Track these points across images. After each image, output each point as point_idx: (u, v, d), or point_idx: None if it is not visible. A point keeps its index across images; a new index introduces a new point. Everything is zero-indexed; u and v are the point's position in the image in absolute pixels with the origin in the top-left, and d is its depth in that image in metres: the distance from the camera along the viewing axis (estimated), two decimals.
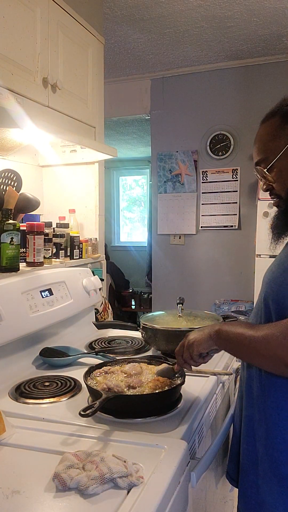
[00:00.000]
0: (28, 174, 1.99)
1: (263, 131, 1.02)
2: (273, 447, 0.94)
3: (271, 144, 0.99)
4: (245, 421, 1.03)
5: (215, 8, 2.53)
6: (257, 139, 1.03)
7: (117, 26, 2.73)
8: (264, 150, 1.01)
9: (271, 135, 1.00)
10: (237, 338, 0.94)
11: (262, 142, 1.02)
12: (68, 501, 0.72)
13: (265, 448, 0.95)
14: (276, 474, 0.93)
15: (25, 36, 1.51)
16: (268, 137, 1.00)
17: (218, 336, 0.99)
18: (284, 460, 0.92)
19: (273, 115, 1.00)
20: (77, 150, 1.85)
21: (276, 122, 0.99)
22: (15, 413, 1.04)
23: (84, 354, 1.43)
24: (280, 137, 0.98)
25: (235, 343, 0.95)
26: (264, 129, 1.02)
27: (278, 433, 0.93)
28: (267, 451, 0.95)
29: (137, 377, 1.12)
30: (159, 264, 3.74)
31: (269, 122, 1.01)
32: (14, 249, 1.43)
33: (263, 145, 1.02)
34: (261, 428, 0.97)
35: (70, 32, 1.77)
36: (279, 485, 0.92)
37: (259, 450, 0.97)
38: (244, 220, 3.41)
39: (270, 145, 1.00)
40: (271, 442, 0.94)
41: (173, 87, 3.57)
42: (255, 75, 3.30)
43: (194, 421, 1.03)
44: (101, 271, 2.07)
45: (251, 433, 1.00)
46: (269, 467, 0.94)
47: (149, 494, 0.74)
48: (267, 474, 0.95)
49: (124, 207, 6.82)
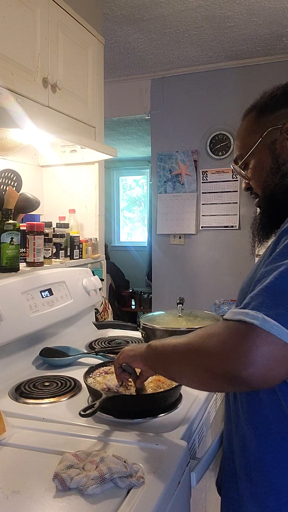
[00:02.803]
0: (28, 174, 1.99)
1: (241, 127, 0.98)
2: (249, 465, 0.85)
3: (246, 140, 0.95)
4: (225, 436, 0.96)
5: (215, 8, 2.53)
6: (236, 136, 0.99)
7: (117, 26, 2.73)
8: (240, 147, 0.96)
9: (247, 130, 0.95)
10: (163, 347, 0.85)
11: (240, 138, 0.97)
12: (68, 501, 0.72)
13: (242, 465, 0.87)
14: (252, 493, 0.84)
15: (25, 36, 1.51)
16: (245, 133, 0.96)
17: (148, 348, 0.90)
18: (259, 481, 0.83)
19: (251, 110, 0.96)
20: (77, 150, 1.85)
21: (253, 117, 0.95)
22: (15, 413, 1.04)
23: (84, 354, 1.43)
24: (255, 132, 0.93)
25: (160, 354, 0.85)
26: (242, 125, 0.97)
27: (253, 451, 0.84)
28: (244, 469, 0.87)
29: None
30: (159, 264, 3.74)
31: (247, 118, 0.96)
32: (14, 249, 1.43)
33: (240, 141, 0.97)
34: (238, 444, 0.89)
35: (70, 32, 1.77)
36: (255, 505, 0.84)
37: (237, 467, 0.89)
38: (244, 220, 3.40)
39: (245, 141, 0.95)
40: (247, 460, 0.85)
41: (173, 87, 3.57)
42: (255, 75, 3.30)
43: (194, 421, 1.03)
44: (101, 271, 2.07)
45: (230, 448, 0.92)
46: (245, 487, 0.86)
47: (149, 494, 0.74)
48: (245, 493, 0.86)
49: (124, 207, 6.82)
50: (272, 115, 0.91)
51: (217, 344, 0.68)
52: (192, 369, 0.76)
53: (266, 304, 0.65)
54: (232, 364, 0.65)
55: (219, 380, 0.70)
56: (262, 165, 0.92)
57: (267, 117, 0.92)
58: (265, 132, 0.91)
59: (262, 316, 0.63)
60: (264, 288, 0.67)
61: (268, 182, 0.92)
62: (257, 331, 0.63)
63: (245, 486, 0.86)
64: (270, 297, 0.65)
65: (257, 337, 0.63)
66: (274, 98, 0.93)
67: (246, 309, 0.67)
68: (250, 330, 0.64)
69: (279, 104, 0.91)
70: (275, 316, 0.63)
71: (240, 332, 0.65)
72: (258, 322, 0.63)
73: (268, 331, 0.62)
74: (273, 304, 0.64)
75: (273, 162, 0.91)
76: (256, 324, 0.63)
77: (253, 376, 0.64)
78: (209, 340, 0.71)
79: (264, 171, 0.92)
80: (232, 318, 0.68)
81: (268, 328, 0.62)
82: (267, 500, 0.82)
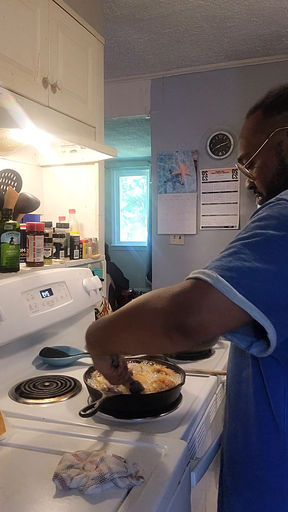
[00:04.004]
0: (28, 174, 1.99)
1: (245, 125, 0.98)
2: (234, 458, 0.87)
3: (252, 139, 0.94)
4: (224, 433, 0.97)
5: (215, 8, 2.53)
6: (241, 134, 0.99)
7: (117, 26, 2.73)
8: (246, 146, 0.96)
9: (252, 129, 0.95)
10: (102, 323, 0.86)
11: (244, 137, 0.97)
12: (68, 501, 0.72)
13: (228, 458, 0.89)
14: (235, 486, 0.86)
15: (25, 36, 1.51)
16: (250, 132, 0.96)
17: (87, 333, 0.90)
18: (242, 473, 0.85)
19: (256, 109, 0.96)
20: (77, 150, 1.85)
21: (258, 116, 0.94)
22: (15, 413, 1.04)
23: (84, 354, 1.43)
24: (261, 132, 0.93)
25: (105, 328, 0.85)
26: (247, 124, 0.97)
27: (238, 444, 0.86)
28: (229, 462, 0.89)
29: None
30: (159, 264, 3.74)
31: (252, 116, 0.96)
32: (14, 249, 1.43)
33: (245, 140, 0.97)
34: (226, 437, 0.91)
35: (70, 32, 1.77)
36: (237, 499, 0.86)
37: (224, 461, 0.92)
38: (244, 220, 3.40)
39: (251, 140, 0.95)
40: (232, 452, 0.88)
41: (173, 87, 3.57)
42: (255, 75, 3.31)
43: (194, 421, 1.03)
44: (101, 271, 2.07)
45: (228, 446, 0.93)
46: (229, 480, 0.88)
47: (149, 494, 0.74)
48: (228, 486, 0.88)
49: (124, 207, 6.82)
50: (279, 116, 0.91)
51: (168, 297, 0.72)
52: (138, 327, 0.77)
53: (222, 267, 0.69)
54: (179, 312, 0.69)
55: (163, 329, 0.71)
56: (267, 165, 0.93)
57: (274, 118, 0.92)
58: (271, 132, 0.91)
59: (216, 276, 0.68)
60: (225, 254, 0.72)
61: (273, 183, 0.93)
62: (208, 286, 0.68)
63: (228, 479, 0.88)
64: (228, 262, 0.70)
65: (207, 291, 0.68)
66: (281, 98, 0.93)
67: (206, 269, 0.71)
68: (202, 285, 0.69)
69: (286, 105, 0.92)
70: (229, 278, 0.67)
71: (194, 286, 0.70)
72: (211, 281, 0.67)
73: (218, 289, 0.67)
74: (228, 268, 0.69)
75: (279, 163, 0.91)
76: (209, 282, 0.68)
77: (196, 324, 0.68)
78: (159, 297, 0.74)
79: (270, 172, 0.93)
80: (190, 276, 0.73)
81: (219, 287, 0.67)
82: (248, 492, 0.84)
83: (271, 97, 0.94)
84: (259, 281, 0.67)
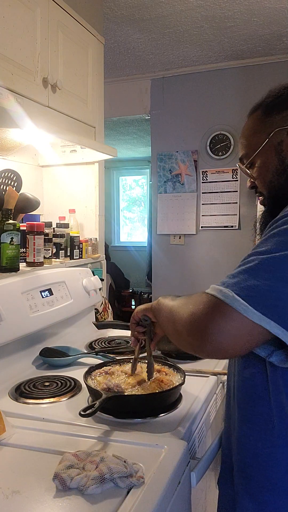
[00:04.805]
0: (28, 174, 1.99)
1: (246, 125, 0.98)
2: (245, 461, 0.86)
3: (252, 139, 0.95)
4: (224, 433, 0.97)
5: (215, 8, 2.53)
6: (241, 134, 0.99)
7: (117, 26, 2.73)
8: (246, 145, 0.96)
9: (252, 129, 0.95)
10: (163, 304, 0.92)
11: (245, 137, 0.97)
12: (68, 501, 0.72)
13: (238, 461, 0.88)
14: (247, 489, 0.85)
15: (25, 36, 1.50)
16: (250, 132, 0.96)
17: (156, 303, 0.98)
18: (255, 476, 0.84)
19: (256, 109, 0.96)
20: (77, 150, 1.85)
21: (258, 116, 0.94)
22: (15, 413, 1.04)
23: (84, 354, 1.43)
24: (261, 132, 0.93)
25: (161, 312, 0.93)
26: (247, 124, 0.97)
27: (249, 447, 0.85)
28: (240, 465, 0.88)
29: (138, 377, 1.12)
30: (159, 264, 3.74)
31: (252, 116, 0.96)
32: (14, 249, 1.43)
33: (245, 140, 0.97)
34: (235, 440, 0.89)
35: (70, 32, 1.77)
36: (250, 501, 0.85)
37: (234, 463, 0.90)
38: (244, 220, 3.40)
39: (251, 140, 0.95)
40: (243, 456, 0.87)
41: (173, 87, 3.57)
42: (255, 75, 3.31)
43: (194, 421, 1.03)
44: (101, 271, 2.07)
45: (228, 446, 0.94)
46: (241, 482, 0.87)
47: (149, 494, 0.74)
48: (240, 489, 0.87)
49: (124, 207, 6.82)
50: (279, 116, 0.91)
51: (188, 312, 0.75)
52: (172, 329, 0.85)
53: (239, 284, 0.70)
54: (198, 338, 0.72)
55: (187, 343, 0.77)
56: (267, 165, 0.93)
57: (274, 118, 0.92)
58: (271, 132, 0.91)
59: (233, 295, 0.68)
60: (241, 270, 0.72)
61: (273, 183, 0.92)
62: (225, 307, 0.69)
63: (240, 482, 0.87)
64: (244, 280, 0.70)
65: (225, 312, 0.69)
66: (281, 98, 0.93)
67: (222, 286, 0.72)
68: (218, 305, 0.70)
69: (286, 104, 0.92)
70: (246, 298, 0.68)
71: (209, 305, 0.71)
72: (228, 300, 0.68)
73: (235, 308, 0.68)
74: (246, 287, 0.69)
75: (279, 163, 0.91)
76: (226, 302, 0.68)
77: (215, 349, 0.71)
78: (185, 307, 0.78)
79: (270, 171, 0.93)
80: (209, 292, 0.74)
81: (236, 306, 0.67)
82: (262, 495, 0.83)
83: (271, 97, 0.94)
84: (278, 299, 0.67)
